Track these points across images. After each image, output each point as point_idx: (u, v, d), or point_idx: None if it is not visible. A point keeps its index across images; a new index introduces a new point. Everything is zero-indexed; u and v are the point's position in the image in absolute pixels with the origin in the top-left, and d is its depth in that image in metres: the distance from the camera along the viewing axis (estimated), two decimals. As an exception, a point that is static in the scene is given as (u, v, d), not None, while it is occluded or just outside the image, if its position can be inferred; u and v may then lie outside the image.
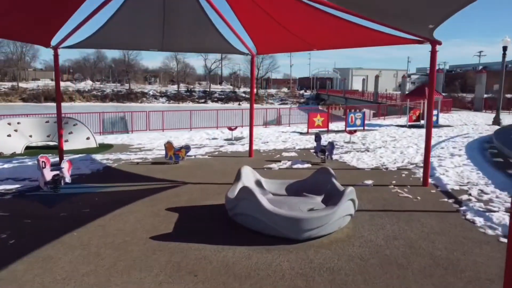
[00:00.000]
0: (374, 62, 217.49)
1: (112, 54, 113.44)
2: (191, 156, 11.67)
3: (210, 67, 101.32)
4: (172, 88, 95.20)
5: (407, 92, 63.55)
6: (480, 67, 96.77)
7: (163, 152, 11.34)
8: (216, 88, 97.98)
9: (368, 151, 12.71)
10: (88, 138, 13.45)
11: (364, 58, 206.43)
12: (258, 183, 6.80)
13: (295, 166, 10.33)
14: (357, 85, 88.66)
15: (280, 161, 11.05)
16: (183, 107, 78.51)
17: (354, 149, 13.17)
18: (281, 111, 22.54)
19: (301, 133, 17.58)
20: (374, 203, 7.04)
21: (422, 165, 10.37)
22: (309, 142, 14.77)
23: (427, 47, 7.99)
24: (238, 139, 15.80)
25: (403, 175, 9.33)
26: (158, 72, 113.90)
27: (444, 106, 28.02)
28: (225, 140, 15.56)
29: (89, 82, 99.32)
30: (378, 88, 72.66)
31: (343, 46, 9.05)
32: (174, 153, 10.61)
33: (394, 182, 8.63)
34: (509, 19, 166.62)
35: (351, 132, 14.98)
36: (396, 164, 10.61)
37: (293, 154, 12.27)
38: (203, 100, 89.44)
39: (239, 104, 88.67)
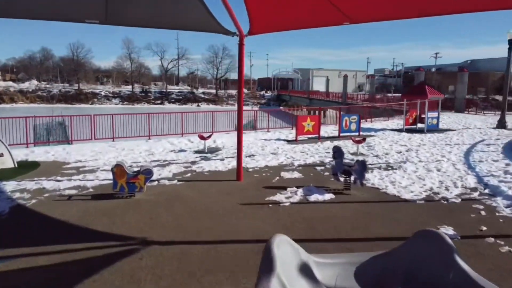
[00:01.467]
0: (330, 64, 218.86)
1: (60, 52, 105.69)
2: (153, 180, 8.00)
3: (167, 67, 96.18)
4: (126, 89, 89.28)
5: (378, 92, 62.18)
6: (434, 69, 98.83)
7: (112, 177, 7.70)
8: (173, 89, 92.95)
9: (393, 168, 9.57)
10: (1, 155, 9.40)
11: (320, 60, 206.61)
12: (305, 270, 3.34)
13: (312, 198, 6.94)
14: (318, 85, 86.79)
15: (285, 188, 7.62)
16: (138, 109, 73.17)
17: (371, 164, 9.99)
18: (258, 114, 19.08)
19: (289, 142, 14.25)
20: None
21: (487, 191, 7.38)
22: (306, 155, 11.46)
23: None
24: (213, 151, 12.22)
25: (482, 212, 6.19)
26: (111, 72, 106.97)
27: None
28: (196, 152, 11.93)
29: (34, 82, 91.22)
30: (335, 88, 70.90)
31: (401, 15, 5.76)
32: (128, 182, 6.91)
33: (484, 228, 5.46)
34: (452, 25, 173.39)
35: (358, 141, 11.78)
36: (451, 190, 7.49)
37: (296, 174, 8.87)
38: (159, 101, 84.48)
39: (198, 105, 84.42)
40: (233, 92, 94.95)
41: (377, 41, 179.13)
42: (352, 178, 7.47)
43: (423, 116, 18.37)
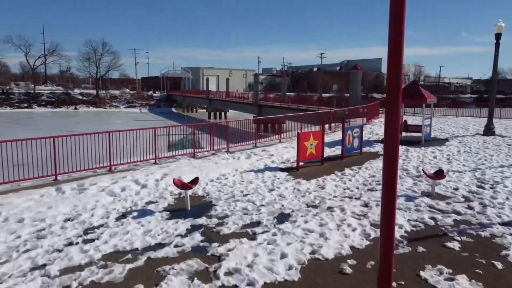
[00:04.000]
0: (208, 63, 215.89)
1: None
2: None
3: (33, 64, 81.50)
4: (-21, 90, 72.92)
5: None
6: (315, 68, 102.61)
7: None
8: (42, 89, 78.99)
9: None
10: None
11: (198, 60, 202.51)
12: None
13: None
14: (209, 85, 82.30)
15: None
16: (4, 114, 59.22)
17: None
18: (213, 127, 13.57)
19: (289, 171, 9.50)
20: None
21: None
22: (366, 205, 6.88)
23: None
24: (202, 209, 6.86)
25: None
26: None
27: (370, 110, 23.25)
28: (172, 213, 6.48)
29: None
30: (230, 88, 67.27)
31: None
32: None
33: None
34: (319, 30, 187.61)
35: (437, 176, 7.51)
36: None
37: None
38: (26, 105, 70.81)
39: (75, 108, 72.90)
40: (116, 92, 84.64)
41: (263, 42, 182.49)
42: None
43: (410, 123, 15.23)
